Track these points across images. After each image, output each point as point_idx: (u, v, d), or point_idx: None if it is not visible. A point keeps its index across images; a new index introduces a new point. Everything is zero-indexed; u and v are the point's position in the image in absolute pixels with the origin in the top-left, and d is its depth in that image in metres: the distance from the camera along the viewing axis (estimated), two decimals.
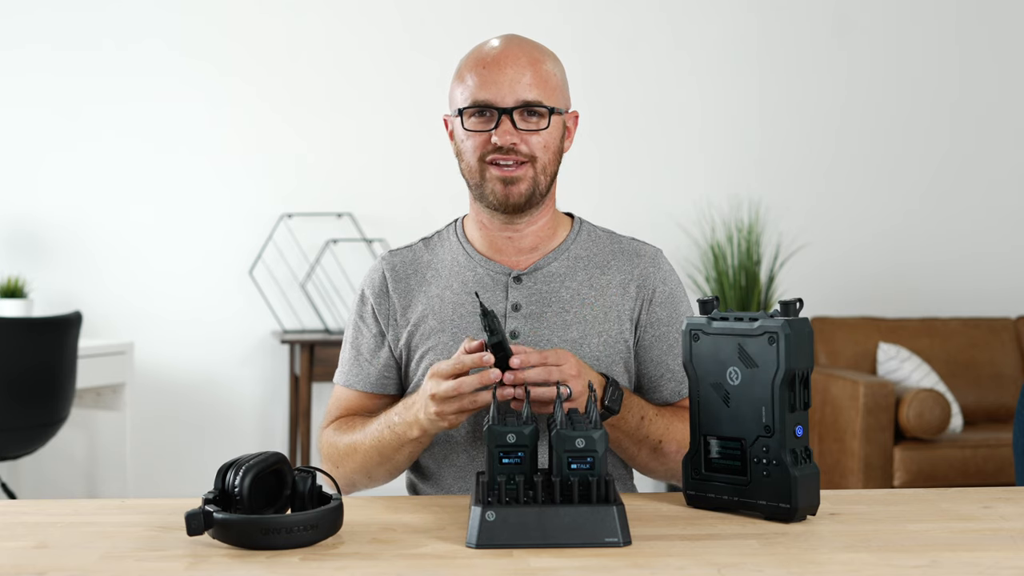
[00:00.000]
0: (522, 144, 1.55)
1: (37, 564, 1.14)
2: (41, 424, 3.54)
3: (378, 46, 4.49)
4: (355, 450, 1.59)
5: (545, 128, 1.56)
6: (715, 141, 4.63)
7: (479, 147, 1.56)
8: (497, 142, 1.54)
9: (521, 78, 1.55)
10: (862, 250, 4.67)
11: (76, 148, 4.36)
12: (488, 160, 1.56)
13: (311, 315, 4.44)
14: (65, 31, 4.34)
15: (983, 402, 4.29)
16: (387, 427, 1.54)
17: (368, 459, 1.57)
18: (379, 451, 1.56)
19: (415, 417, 1.48)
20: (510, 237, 1.64)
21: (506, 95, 1.54)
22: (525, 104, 1.55)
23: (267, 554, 1.16)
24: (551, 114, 1.56)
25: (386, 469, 1.59)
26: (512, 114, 1.54)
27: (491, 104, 1.55)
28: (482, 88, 1.55)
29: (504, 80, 1.55)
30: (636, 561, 1.13)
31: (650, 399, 1.65)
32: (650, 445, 1.57)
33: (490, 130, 1.55)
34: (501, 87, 1.54)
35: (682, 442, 1.56)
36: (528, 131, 1.55)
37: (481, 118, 1.56)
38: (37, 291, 4.25)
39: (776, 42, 4.66)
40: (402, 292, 1.66)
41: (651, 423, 1.56)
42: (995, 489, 1.50)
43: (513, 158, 1.56)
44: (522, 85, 1.55)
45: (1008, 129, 4.75)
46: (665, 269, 1.67)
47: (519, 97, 1.55)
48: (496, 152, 1.55)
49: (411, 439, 1.51)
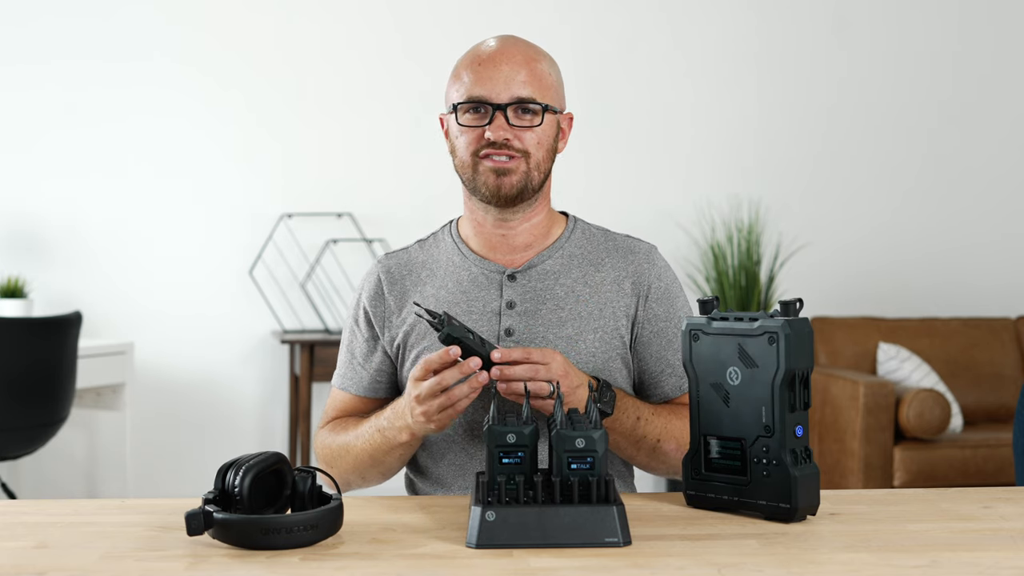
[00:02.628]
0: (515, 140, 1.56)
1: (37, 564, 1.14)
2: (41, 424, 3.54)
3: (379, 47, 4.49)
4: (347, 452, 1.60)
5: (539, 125, 1.57)
6: (715, 141, 4.63)
7: (472, 142, 1.57)
8: (491, 137, 1.55)
9: (516, 75, 1.56)
10: (862, 250, 4.67)
11: (76, 148, 4.36)
12: (481, 155, 1.57)
13: (311, 315, 4.44)
14: (65, 34, 4.34)
15: (983, 402, 4.29)
16: (377, 431, 1.55)
17: (360, 461, 1.59)
18: (370, 454, 1.58)
19: (404, 422, 1.49)
20: (504, 235, 1.64)
21: (501, 91, 1.55)
22: (519, 100, 1.55)
23: (267, 554, 1.16)
24: (545, 111, 1.57)
25: (379, 471, 1.61)
26: (506, 110, 1.55)
27: (485, 100, 1.55)
28: (477, 84, 1.56)
29: (499, 77, 1.55)
30: (636, 561, 1.13)
31: (652, 395, 1.65)
32: (648, 445, 1.57)
33: (484, 125, 1.56)
34: (496, 83, 1.55)
35: (681, 439, 1.56)
36: (522, 127, 1.56)
37: (475, 114, 1.57)
38: (37, 291, 4.25)
39: (776, 42, 4.66)
40: (397, 294, 1.67)
41: (647, 423, 1.56)
42: (995, 489, 1.50)
43: (506, 152, 1.56)
44: (517, 82, 1.56)
45: (1008, 129, 4.74)
46: (660, 265, 1.68)
47: (514, 93, 1.55)
48: (489, 147, 1.56)
49: (400, 443, 1.53)
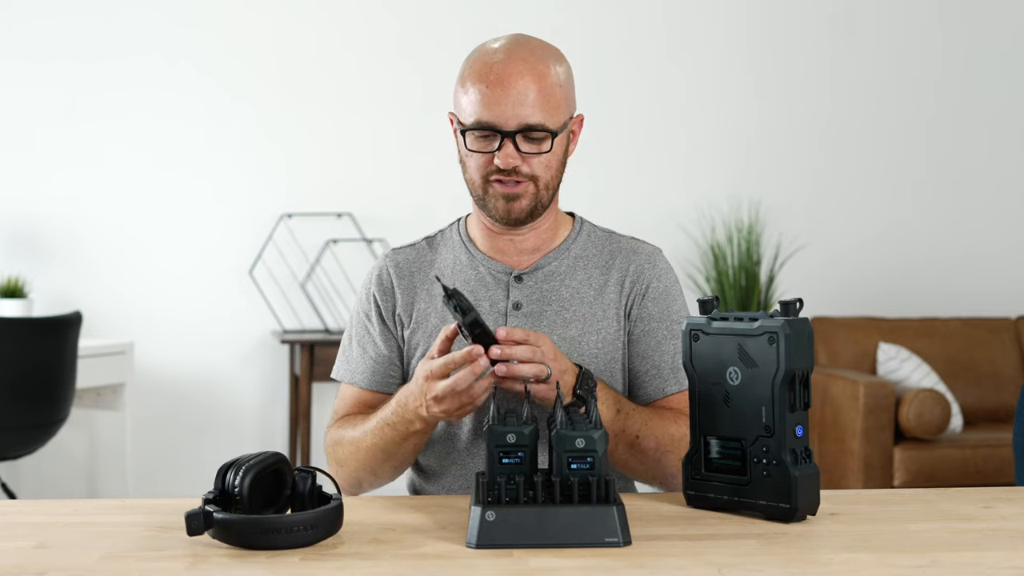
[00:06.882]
0: (524, 165, 1.56)
1: (37, 564, 1.14)
2: (41, 424, 3.54)
3: (379, 47, 4.49)
4: (358, 448, 1.59)
5: (548, 151, 1.56)
6: (715, 141, 4.63)
7: (482, 167, 1.57)
8: (499, 164, 1.55)
9: (525, 98, 1.53)
10: (862, 250, 4.67)
11: (76, 148, 4.36)
12: (492, 179, 1.57)
13: (311, 315, 4.44)
14: (66, 34, 4.34)
15: (983, 402, 4.29)
16: (386, 425, 1.54)
17: (372, 456, 1.58)
18: (382, 448, 1.56)
19: (415, 414, 1.48)
20: (512, 239, 1.65)
21: (509, 118, 1.53)
22: (528, 128, 1.54)
23: (267, 554, 1.16)
24: (554, 137, 1.56)
25: (391, 465, 1.59)
26: (515, 137, 1.54)
27: (494, 127, 1.54)
28: (486, 108, 1.54)
29: (508, 101, 1.53)
30: (636, 561, 1.13)
31: (634, 395, 1.65)
32: (627, 440, 1.56)
33: (493, 151, 1.55)
34: (505, 109, 1.53)
35: (661, 439, 1.56)
36: (530, 153, 1.56)
37: (484, 141, 1.56)
38: (37, 291, 4.25)
39: (776, 42, 4.66)
40: (405, 289, 1.67)
41: (628, 417, 1.55)
42: (995, 489, 1.50)
43: (515, 178, 1.56)
44: (526, 107, 1.53)
45: (1008, 129, 4.74)
46: (661, 267, 1.67)
47: (522, 120, 1.53)
48: (499, 172, 1.56)
49: (414, 432, 1.52)
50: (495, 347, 1.40)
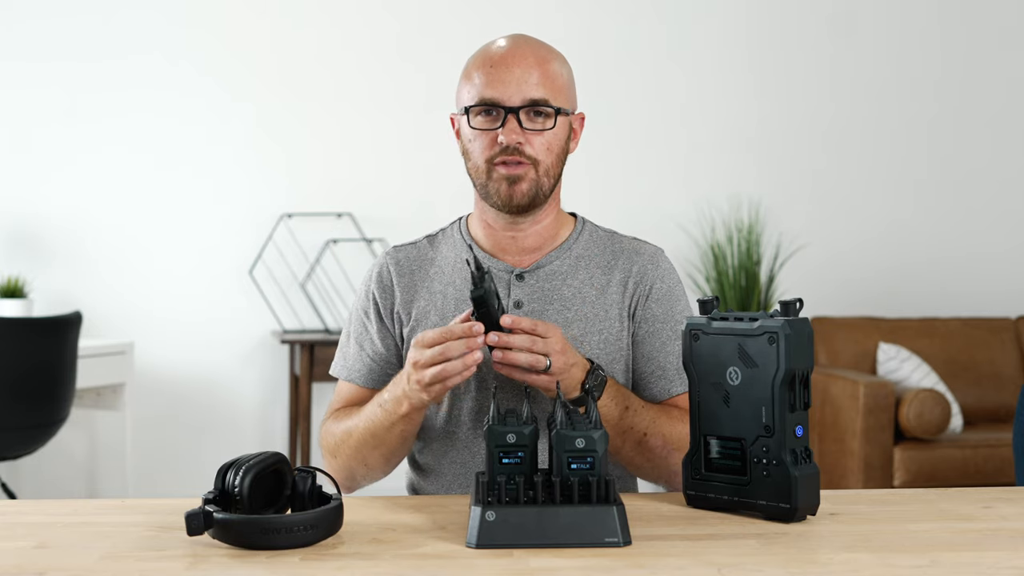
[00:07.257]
0: (527, 145, 1.56)
1: (37, 564, 1.14)
2: (41, 424, 3.54)
3: (379, 47, 4.49)
4: (350, 435, 1.59)
5: (551, 128, 1.57)
6: (715, 141, 4.63)
7: (486, 148, 1.57)
8: (503, 141, 1.54)
9: (528, 77, 1.55)
10: (862, 250, 4.67)
11: (76, 148, 4.36)
12: (496, 162, 1.57)
13: (311, 315, 4.44)
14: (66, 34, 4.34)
15: (983, 402, 4.29)
16: (378, 406, 1.54)
17: (363, 442, 1.57)
18: (372, 432, 1.56)
19: (402, 391, 1.48)
20: (514, 236, 1.65)
21: (513, 94, 1.55)
22: (532, 103, 1.55)
23: (267, 554, 1.16)
24: (557, 114, 1.57)
25: (380, 453, 1.58)
26: (519, 113, 1.55)
27: (498, 103, 1.55)
28: (489, 86, 1.55)
29: (511, 79, 1.55)
30: (636, 561, 1.13)
31: (640, 396, 1.64)
32: (634, 438, 1.56)
33: (496, 128, 1.55)
34: (508, 86, 1.55)
35: (668, 437, 1.56)
36: (534, 131, 1.56)
37: (488, 117, 1.56)
38: (37, 291, 4.25)
39: (776, 42, 4.66)
40: (405, 287, 1.67)
41: (635, 414, 1.55)
42: (995, 489, 1.50)
43: (517, 158, 1.56)
44: (529, 84, 1.55)
45: (1008, 129, 4.74)
46: (664, 267, 1.68)
47: (526, 96, 1.55)
48: (503, 153, 1.56)
49: (400, 415, 1.51)
50: (493, 333, 1.40)
